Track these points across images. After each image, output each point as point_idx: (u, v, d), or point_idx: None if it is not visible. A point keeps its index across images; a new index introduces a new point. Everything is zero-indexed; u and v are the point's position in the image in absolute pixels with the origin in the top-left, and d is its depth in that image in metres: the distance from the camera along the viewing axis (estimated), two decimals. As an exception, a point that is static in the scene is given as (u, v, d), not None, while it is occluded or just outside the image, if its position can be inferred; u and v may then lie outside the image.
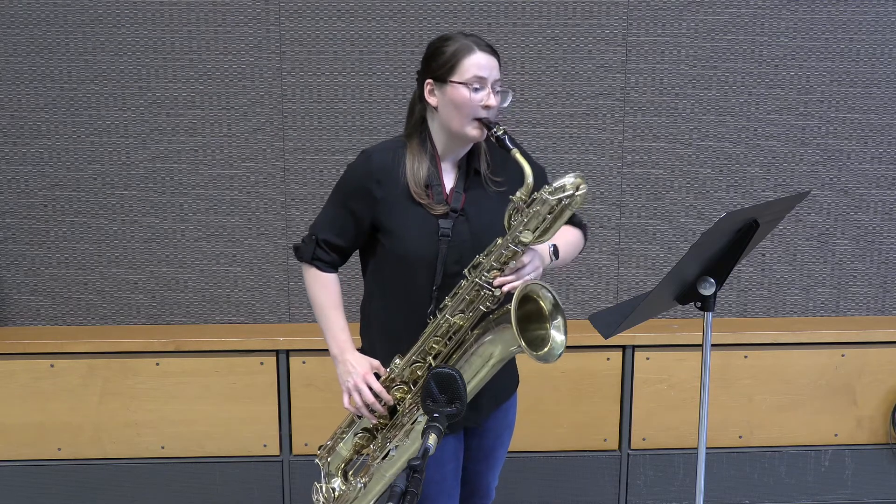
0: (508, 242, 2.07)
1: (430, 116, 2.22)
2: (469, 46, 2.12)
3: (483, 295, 2.10)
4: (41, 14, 3.30)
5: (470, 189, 2.21)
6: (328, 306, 2.31)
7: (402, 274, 2.20)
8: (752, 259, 3.56)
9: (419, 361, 2.17)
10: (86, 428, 3.38)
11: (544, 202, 2.03)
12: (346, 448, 2.30)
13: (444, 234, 2.15)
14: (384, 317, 2.29)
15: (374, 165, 2.20)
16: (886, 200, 3.58)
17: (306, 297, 3.45)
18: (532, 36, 3.39)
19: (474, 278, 2.10)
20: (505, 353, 2.12)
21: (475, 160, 2.24)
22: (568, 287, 3.55)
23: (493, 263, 2.08)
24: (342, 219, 2.24)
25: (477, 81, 2.11)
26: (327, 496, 2.34)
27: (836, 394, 3.51)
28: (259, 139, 3.41)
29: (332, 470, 2.33)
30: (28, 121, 3.36)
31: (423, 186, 2.16)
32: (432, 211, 2.16)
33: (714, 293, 2.29)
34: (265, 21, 3.34)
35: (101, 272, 3.47)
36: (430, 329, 2.15)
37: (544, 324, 2.12)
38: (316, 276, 2.31)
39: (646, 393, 3.45)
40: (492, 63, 2.14)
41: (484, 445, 2.44)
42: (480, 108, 2.12)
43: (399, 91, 3.38)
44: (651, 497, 3.54)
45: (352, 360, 2.24)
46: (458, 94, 2.11)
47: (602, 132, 3.47)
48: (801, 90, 3.48)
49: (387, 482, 2.25)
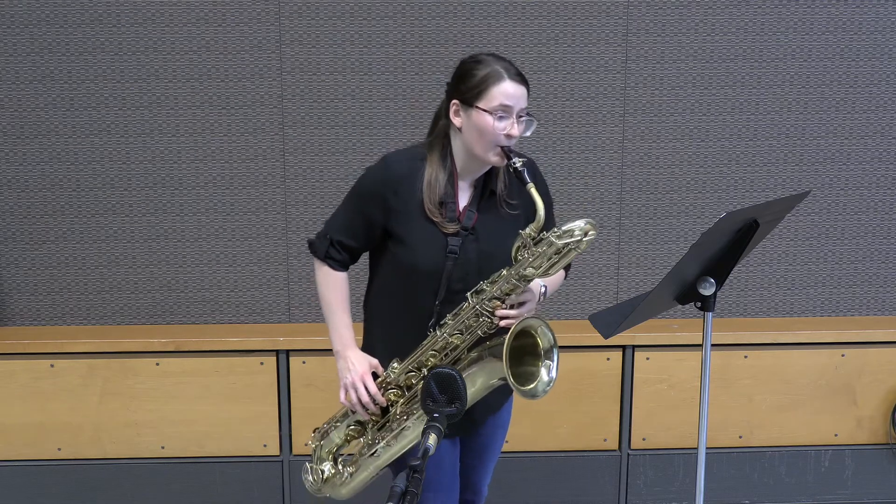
0: (513, 276, 2.13)
1: (453, 134, 2.24)
2: (499, 74, 2.14)
3: (482, 322, 2.17)
4: (41, 14, 3.30)
5: (483, 209, 2.25)
6: (335, 303, 2.36)
7: (408, 283, 2.25)
8: (752, 259, 3.56)
9: (414, 371, 2.24)
10: (86, 428, 3.38)
11: (551, 244, 2.08)
12: (338, 436, 2.39)
13: (451, 251, 2.20)
14: (386, 319, 2.35)
15: (393, 174, 2.23)
16: (886, 200, 3.58)
17: (306, 297, 3.50)
18: (532, 36, 3.39)
19: (475, 304, 2.16)
20: (493, 381, 2.18)
21: (492, 181, 2.27)
22: (568, 287, 3.55)
23: (496, 293, 2.14)
24: (355, 222, 2.29)
25: (502, 110, 2.13)
26: (316, 478, 2.43)
27: (836, 394, 3.51)
28: (259, 139, 3.41)
29: (323, 454, 2.43)
30: (28, 121, 3.36)
31: (437, 204, 2.20)
32: (443, 229, 2.21)
33: (714, 293, 2.29)
34: (265, 21, 3.34)
35: (101, 272, 3.47)
36: (429, 342, 2.22)
37: (537, 361, 2.17)
38: (327, 273, 2.35)
39: (646, 393, 3.45)
40: (519, 92, 2.16)
41: (477, 443, 2.49)
42: (503, 137, 2.14)
43: (399, 91, 3.38)
44: (651, 497, 3.54)
45: (352, 357, 2.31)
46: (483, 120, 2.13)
47: (602, 132, 3.47)
48: (801, 90, 3.48)
49: (370, 473, 2.36)
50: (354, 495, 2.47)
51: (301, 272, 3.49)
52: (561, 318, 3.57)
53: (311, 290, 3.47)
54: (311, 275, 3.42)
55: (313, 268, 2.39)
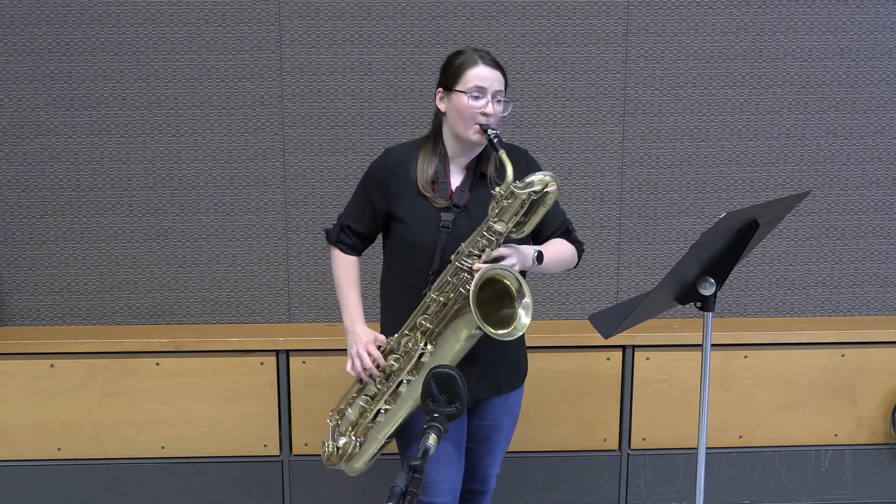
0: (483, 230, 2.29)
1: (443, 122, 2.45)
2: (474, 59, 2.36)
3: (462, 277, 2.30)
4: (41, 14, 3.30)
5: (474, 189, 2.43)
6: (346, 284, 2.55)
7: (407, 257, 2.43)
8: (752, 259, 3.56)
9: (408, 334, 2.40)
10: (86, 428, 3.38)
11: (515, 196, 2.25)
12: (353, 413, 2.53)
13: (444, 226, 2.38)
14: (395, 298, 2.51)
15: (391, 161, 2.47)
16: (886, 200, 3.58)
17: (306, 297, 3.50)
18: (532, 36, 3.39)
19: (455, 262, 2.32)
20: (473, 331, 2.31)
21: (484, 164, 2.45)
22: (568, 287, 3.56)
23: (471, 249, 2.29)
24: (362, 207, 2.51)
25: (477, 91, 2.34)
26: (331, 451, 2.58)
27: (836, 394, 3.51)
28: (259, 139, 3.41)
29: (343, 431, 2.56)
30: (28, 121, 3.36)
31: (429, 182, 2.40)
32: (436, 204, 2.39)
33: (714, 293, 2.29)
34: (265, 21, 3.34)
35: (101, 272, 3.47)
36: (420, 307, 2.38)
37: (513, 302, 2.29)
38: (339, 256, 2.56)
39: (646, 393, 3.45)
40: (493, 76, 2.36)
41: (482, 426, 2.56)
42: (480, 115, 2.34)
43: (399, 91, 3.38)
44: (651, 497, 3.54)
45: (359, 330, 2.50)
46: (461, 101, 2.35)
47: (602, 132, 3.47)
48: (801, 90, 3.48)
49: (378, 443, 2.50)
50: (367, 468, 2.57)
51: (301, 272, 3.49)
52: (561, 318, 3.57)
53: (312, 290, 3.49)
54: (311, 275, 3.46)
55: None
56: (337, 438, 2.56)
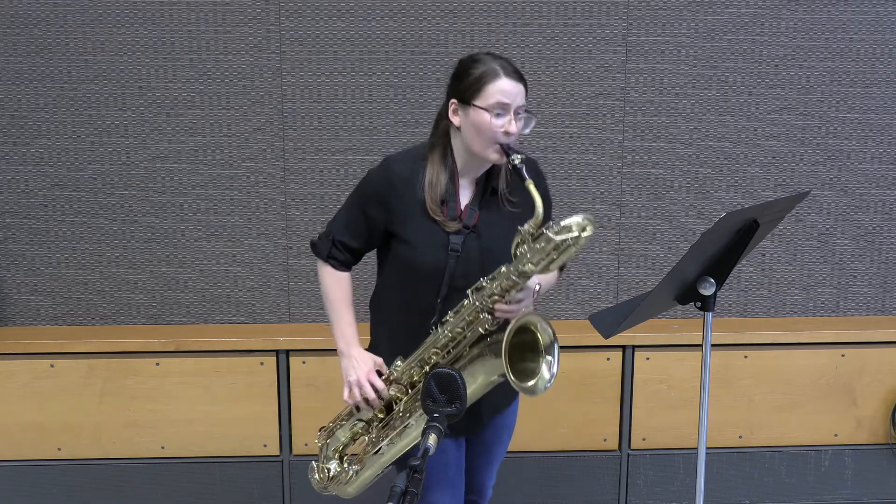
0: (512, 272, 2.13)
1: (453, 133, 2.25)
2: (495, 72, 2.15)
3: (482, 318, 2.17)
4: (41, 14, 3.30)
5: (485, 207, 2.26)
6: (339, 302, 2.37)
7: (411, 281, 2.26)
8: (752, 259, 3.56)
9: (417, 368, 2.26)
10: (86, 428, 3.38)
11: (549, 240, 2.07)
12: (343, 434, 2.41)
13: (453, 249, 2.21)
14: (390, 318, 2.37)
15: (394, 175, 2.25)
16: (886, 200, 3.58)
17: (306, 297, 3.50)
18: (532, 36, 3.39)
19: (476, 301, 2.17)
20: (493, 378, 2.19)
21: (494, 179, 2.28)
22: (568, 287, 3.55)
23: (496, 290, 2.15)
24: (358, 222, 2.31)
25: (500, 108, 2.14)
26: (322, 476, 2.45)
27: (836, 394, 3.51)
28: (259, 139, 3.41)
29: (330, 453, 2.44)
30: (28, 121, 3.36)
31: (438, 203, 2.21)
32: (445, 227, 2.22)
33: (714, 293, 2.29)
34: (265, 21, 3.34)
35: (101, 272, 3.47)
36: (431, 340, 2.23)
37: (537, 357, 2.18)
38: (330, 273, 2.37)
39: (646, 393, 3.45)
40: (516, 89, 2.16)
41: (482, 441, 2.49)
42: (501, 134, 2.14)
43: (399, 91, 3.38)
44: (651, 497, 3.54)
45: (356, 355, 2.32)
46: (481, 118, 2.14)
47: (602, 132, 3.47)
48: (801, 90, 3.48)
49: (376, 471, 2.38)
50: (360, 493, 2.49)
51: (301, 272, 3.48)
52: (561, 318, 3.57)
53: (311, 290, 3.48)
54: (311, 275, 3.46)
55: (315, 268, 2.41)
56: (326, 461, 2.44)
